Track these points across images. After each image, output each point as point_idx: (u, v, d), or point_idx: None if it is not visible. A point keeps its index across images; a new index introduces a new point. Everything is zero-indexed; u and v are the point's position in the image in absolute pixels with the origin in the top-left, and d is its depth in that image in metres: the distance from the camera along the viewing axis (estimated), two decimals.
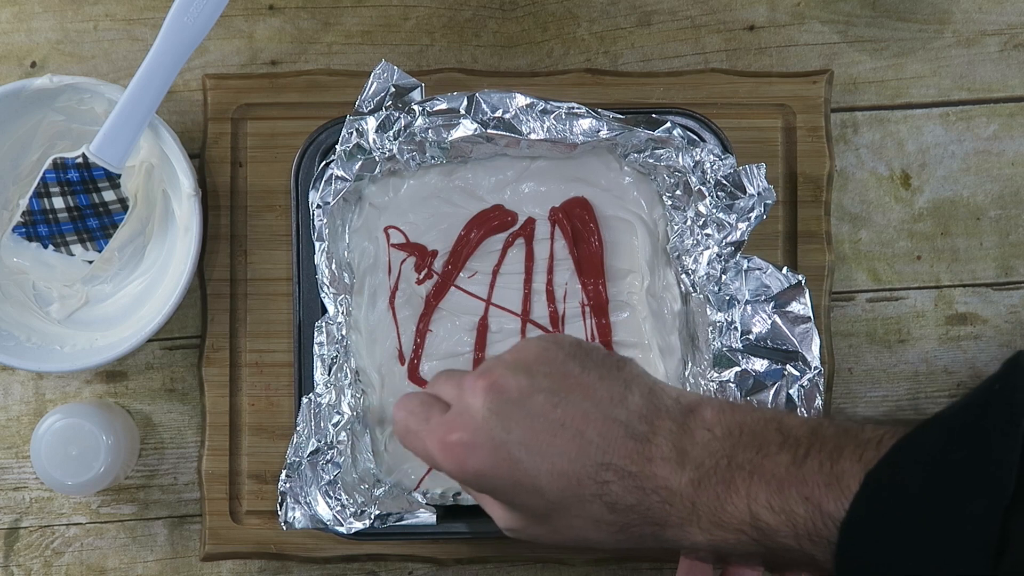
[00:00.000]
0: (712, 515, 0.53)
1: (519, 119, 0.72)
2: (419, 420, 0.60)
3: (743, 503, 0.52)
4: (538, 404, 0.56)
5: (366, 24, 0.82)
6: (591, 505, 0.56)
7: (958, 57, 0.82)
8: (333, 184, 0.72)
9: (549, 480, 0.56)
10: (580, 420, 0.56)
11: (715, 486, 0.53)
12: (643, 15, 0.82)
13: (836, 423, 0.53)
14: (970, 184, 0.81)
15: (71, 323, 0.79)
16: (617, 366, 0.58)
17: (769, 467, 0.52)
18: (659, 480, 0.54)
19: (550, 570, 0.81)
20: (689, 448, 0.54)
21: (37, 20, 0.82)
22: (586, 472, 0.55)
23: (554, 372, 0.57)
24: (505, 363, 0.58)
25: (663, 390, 0.58)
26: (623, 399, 0.56)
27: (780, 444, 0.53)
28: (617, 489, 0.55)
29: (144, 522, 0.81)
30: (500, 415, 0.56)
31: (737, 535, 0.53)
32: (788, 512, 0.51)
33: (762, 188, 0.72)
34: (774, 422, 0.54)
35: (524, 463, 0.56)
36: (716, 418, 0.55)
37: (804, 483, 0.51)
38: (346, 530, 0.70)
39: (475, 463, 0.57)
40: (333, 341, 0.72)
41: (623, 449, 0.55)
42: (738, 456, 0.53)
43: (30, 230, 0.77)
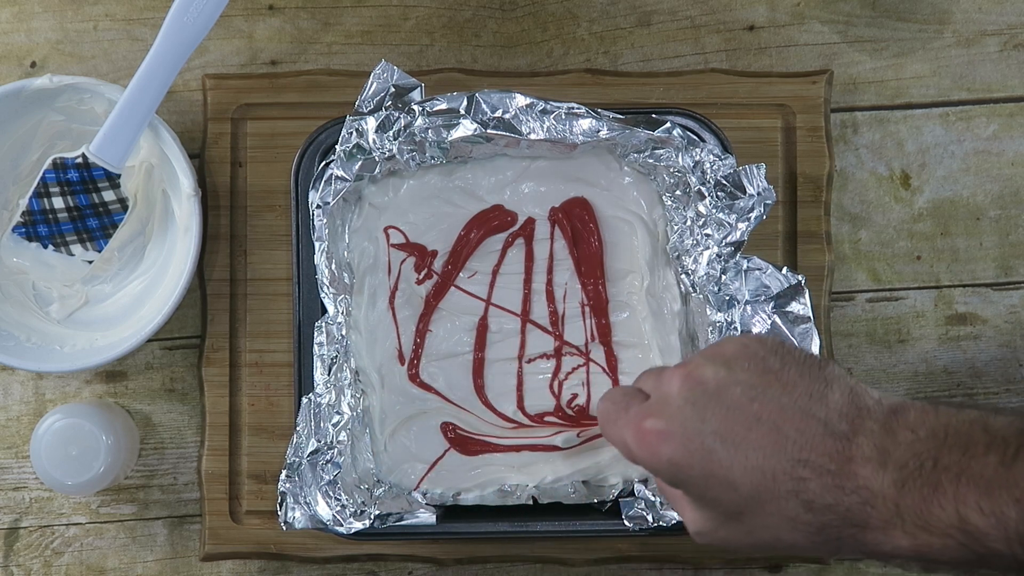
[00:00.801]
0: (917, 518, 0.52)
1: (519, 119, 0.72)
2: (619, 409, 0.60)
3: (951, 506, 0.51)
4: (735, 396, 0.55)
5: (366, 24, 0.82)
6: (786, 503, 0.54)
7: (958, 57, 0.82)
8: (333, 184, 0.72)
9: (743, 474, 0.54)
10: (777, 415, 0.55)
11: (920, 488, 0.52)
12: (643, 15, 0.82)
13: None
14: (970, 184, 0.81)
15: (71, 323, 0.79)
16: (819, 365, 0.57)
17: (977, 468, 0.51)
18: (860, 480, 0.53)
19: (550, 570, 0.81)
20: (892, 449, 0.53)
21: (37, 20, 0.82)
22: (782, 468, 0.54)
23: (753, 367, 0.56)
24: (705, 356, 0.58)
25: (865, 391, 0.56)
26: (823, 396, 0.55)
27: (987, 445, 0.51)
28: (815, 487, 0.54)
29: (144, 522, 0.81)
30: (696, 405, 0.56)
31: (944, 539, 0.51)
32: (999, 515, 0.50)
33: (762, 188, 0.72)
34: (980, 422, 0.52)
35: (718, 454, 0.55)
36: (920, 419, 0.54)
37: (1015, 485, 0.49)
38: (346, 530, 0.70)
39: (668, 451, 0.56)
40: (333, 341, 0.72)
41: (822, 446, 0.54)
42: (944, 458, 0.52)
43: (30, 230, 0.77)
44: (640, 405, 0.58)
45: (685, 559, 0.79)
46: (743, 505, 0.55)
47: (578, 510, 0.75)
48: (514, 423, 0.77)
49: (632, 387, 0.62)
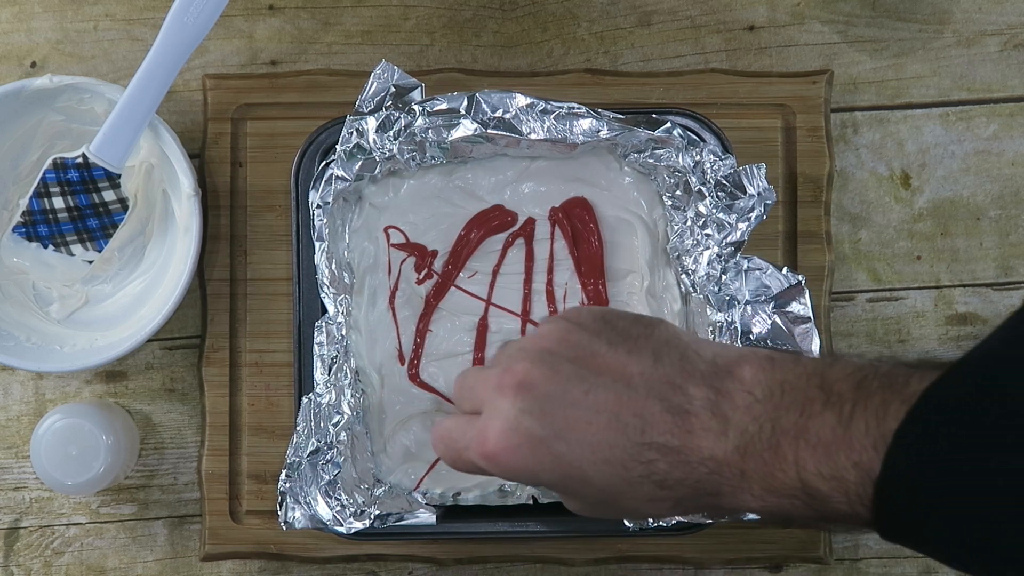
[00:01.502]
0: (763, 482, 0.51)
1: (519, 119, 0.72)
2: (457, 437, 0.58)
3: (792, 470, 0.50)
4: (569, 393, 0.54)
5: (366, 24, 0.82)
6: (641, 487, 0.54)
7: (958, 57, 0.82)
8: (333, 184, 0.72)
9: (595, 469, 0.54)
10: (614, 403, 0.54)
11: (762, 453, 0.51)
12: (643, 15, 0.82)
13: (882, 373, 0.50)
14: (970, 184, 0.81)
15: (71, 323, 0.79)
16: (645, 334, 0.56)
17: (814, 429, 0.50)
18: (704, 451, 0.52)
19: (550, 570, 0.81)
20: (731, 414, 0.52)
21: (37, 20, 0.82)
22: (629, 455, 0.53)
23: (580, 355, 0.55)
24: (527, 354, 0.56)
25: (697, 353, 0.55)
26: (654, 372, 0.54)
27: (824, 403, 0.50)
28: (663, 467, 0.53)
29: (144, 522, 0.81)
30: (532, 412, 0.54)
31: (791, 501, 0.51)
32: (839, 479, 0.49)
33: (762, 188, 0.72)
34: (816, 376, 0.52)
35: (567, 456, 0.54)
36: (756, 377, 0.53)
37: (852, 447, 0.49)
38: (346, 530, 0.70)
39: (519, 464, 0.55)
40: (333, 341, 0.72)
41: (661, 425, 0.53)
42: (782, 419, 0.51)
43: (30, 230, 0.77)
44: (476, 428, 0.56)
45: (685, 559, 0.79)
46: (603, 496, 0.55)
47: None
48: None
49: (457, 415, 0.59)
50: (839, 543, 0.80)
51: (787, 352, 0.54)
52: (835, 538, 0.80)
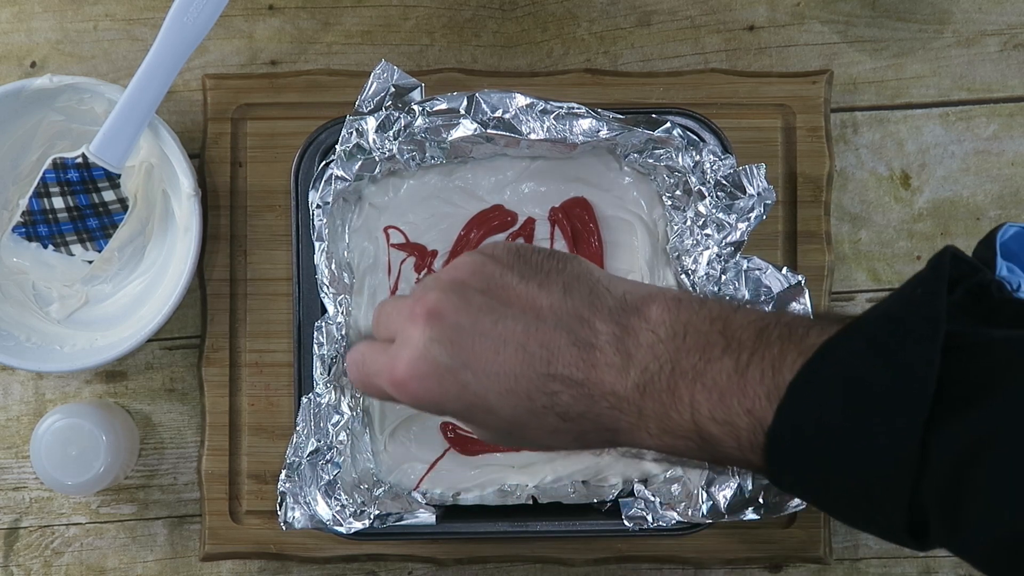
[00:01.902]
0: (659, 422, 0.52)
1: (519, 119, 0.72)
2: (368, 363, 0.59)
3: (687, 412, 0.51)
4: (477, 324, 0.55)
5: (366, 24, 0.82)
6: (545, 417, 0.54)
7: (958, 57, 0.82)
8: (333, 184, 0.72)
9: (499, 399, 0.55)
10: (522, 334, 0.54)
11: (660, 393, 0.52)
12: (643, 15, 0.82)
13: (784, 323, 0.51)
14: (970, 184, 0.81)
15: (71, 323, 0.79)
16: (557, 269, 0.56)
17: (711, 374, 0.50)
18: (605, 386, 0.53)
19: (550, 570, 0.81)
20: (634, 351, 0.53)
21: (37, 20, 0.82)
22: (534, 386, 0.54)
23: (491, 287, 0.56)
24: (441, 284, 0.57)
25: (607, 289, 0.55)
26: (564, 305, 0.55)
27: (724, 348, 0.51)
28: (567, 399, 0.54)
29: (144, 522, 0.81)
30: (440, 341, 0.55)
31: (685, 442, 0.52)
32: (731, 424, 0.50)
33: (762, 188, 0.72)
34: (719, 321, 0.52)
35: (472, 386, 0.55)
36: (661, 317, 0.53)
37: (745, 395, 0.49)
38: (346, 530, 0.70)
39: (425, 392, 0.56)
40: (333, 341, 0.72)
41: (567, 357, 0.54)
42: (682, 361, 0.51)
43: (30, 230, 0.77)
44: (386, 355, 0.57)
45: (685, 559, 0.79)
46: (508, 426, 0.56)
47: (578, 510, 0.75)
48: None
49: (371, 341, 0.60)
50: (839, 543, 0.80)
51: (694, 294, 0.54)
52: (835, 538, 0.80)
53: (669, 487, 0.74)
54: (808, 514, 0.78)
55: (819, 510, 0.51)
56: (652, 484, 0.75)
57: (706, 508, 0.70)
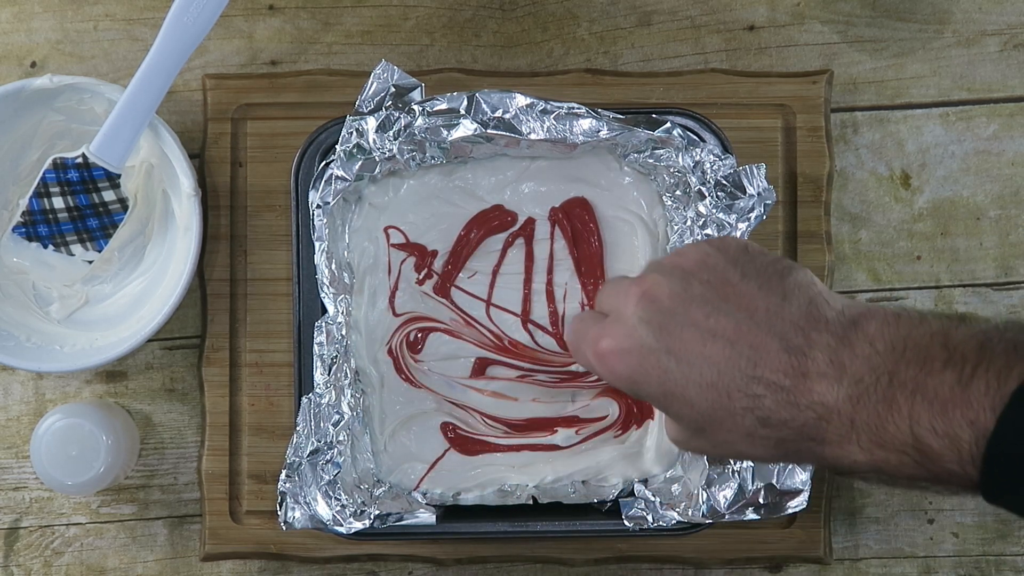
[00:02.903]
0: (872, 434, 0.51)
1: (519, 119, 0.72)
2: (581, 331, 0.60)
3: (905, 424, 0.50)
4: (690, 313, 0.55)
5: (366, 24, 0.82)
6: (743, 419, 0.54)
7: (958, 57, 0.82)
8: (333, 184, 0.72)
9: (698, 391, 0.54)
10: (732, 331, 0.54)
11: (875, 404, 0.50)
12: (643, 15, 0.82)
13: (1008, 337, 0.49)
14: (970, 184, 0.81)
15: (71, 323, 0.79)
16: (781, 274, 0.56)
17: (932, 386, 0.49)
18: (814, 395, 0.52)
19: (550, 570, 0.81)
20: (848, 363, 0.52)
21: (37, 20, 0.82)
22: (736, 385, 0.53)
23: (712, 279, 0.56)
24: (663, 268, 0.57)
25: (827, 302, 0.54)
26: (780, 310, 0.54)
27: (945, 361, 0.49)
28: (769, 404, 0.53)
29: (144, 522, 0.81)
30: (651, 323, 0.55)
31: (899, 456, 0.50)
32: (952, 436, 0.48)
33: (762, 188, 0.72)
34: (940, 335, 0.51)
35: (673, 373, 0.55)
36: (879, 331, 0.52)
37: (969, 406, 0.48)
38: (346, 530, 0.70)
39: (625, 370, 0.56)
40: (333, 341, 0.72)
41: (776, 362, 0.53)
42: (900, 373, 0.50)
43: (30, 230, 0.77)
44: (599, 327, 0.58)
45: (685, 559, 0.79)
46: (702, 421, 0.55)
47: (578, 510, 0.75)
48: (513, 424, 0.77)
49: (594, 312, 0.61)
50: (839, 543, 0.80)
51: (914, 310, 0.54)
52: (835, 538, 0.80)
53: (669, 487, 0.74)
54: (808, 514, 0.78)
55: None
56: (652, 484, 0.75)
57: (706, 508, 0.70)
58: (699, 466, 0.72)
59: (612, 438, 0.77)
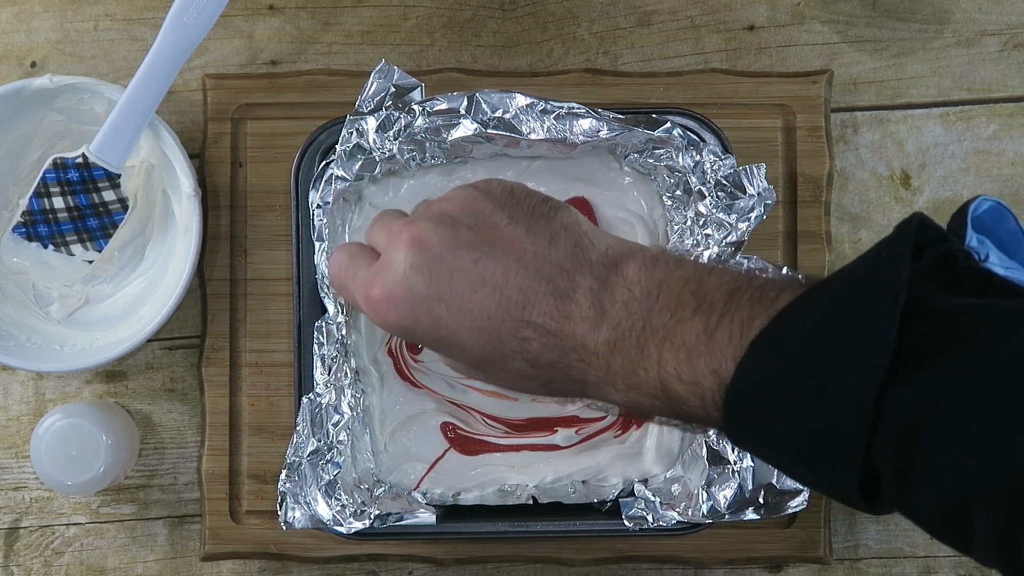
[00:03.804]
0: (626, 378, 0.52)
1: (519, 119, 0.72)
2: (349, 272, 0.60)
3: (654, 370, 0.51)
4: (459, 259, 0.56)
5: (366, 24, 0.82)
6: (513, 361, 0.55)
7: (958, 57, 0.82)
8: (333, 184, 0.72)
9: (470, 336, 0.55)
10: (501, 276, 0.55)
11: (629, 350, 0.52)
12: (643, 15, 0.82)
13: (756, 286, 0.51)
14: (970, 184, 0.81)
15: (71, 323, 0.79)
16: (547, 216, 0.57)
17: (681, 334, 0.51)
18: (577, 339, 0.53)
19: (550, 570, 0.81)
20: (608, 307, 0.53)
21: (37, 20, 0.82)
22: (506, 328, 0.55)
23: (479, 224, 0.56)
24: (431, 214, 0.58)
25: (592, 243, 0.56)
26: (547, 253, 0.55)
27: (695, 308, 0.51)
28: (537, 347, 0.54)
29: (144, 522, 0.81)
30: (420, 270, 0.56)
31: (650, 399, 0.52)
32: (696, 384, 0.50)
33: (762, 188, 0.72)
34: (693, 281, 0.52)
35: (445, 319, 0.55)
36: (637, 275, 0.53)
37: (712, 355, 0.49)
38: (346, 530, 0.70)
39: (396, 318, 0.57)
40: (333, 341, 0.72)
41: (543, 306, 0.54)
42: (653, 319, 0.52)
43: (30, 230, 0.77)
44: (367, 270, 0.58)
45: (685, 559, 0.79)
46: (476, 362, 0.57)
47: (578, 510, 0.75)
48: (513, 424, 0.77)
49: (359, 245, 0.62)
50: (839, 543, 0.80)
51: (672, 254, 0.55)
52: (835, 538, 0.80)
53: (669, 487, 0.74)
54: (808, 514, 0.78)
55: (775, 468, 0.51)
56: (652, 484, 0.75)
57: (706, 508, 0.71)
58: (699, 466, 0.72)
59: (612, 438, 0.77)
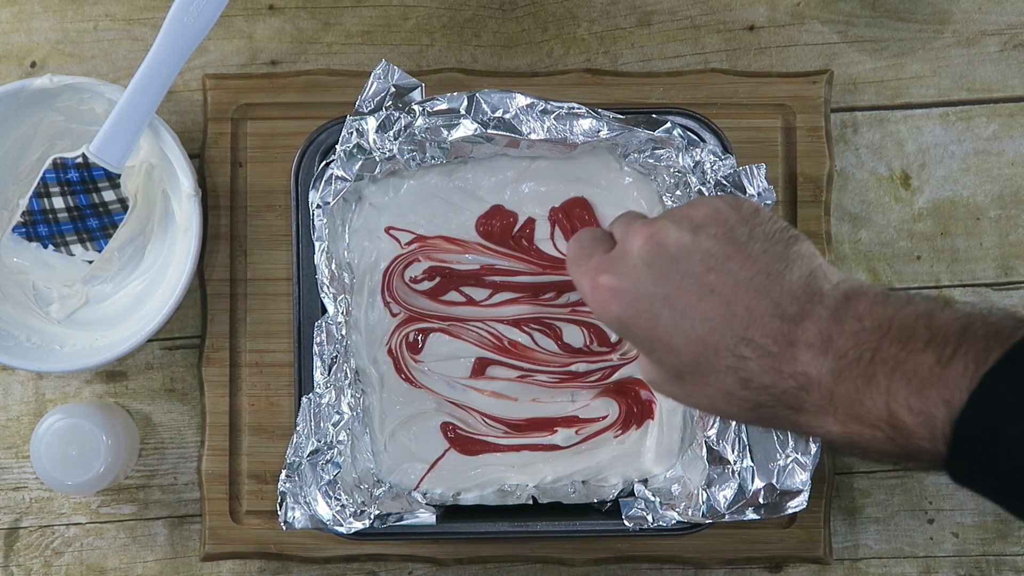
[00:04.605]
0: (849, 408, 0.52)
1: (519, 119, 0.72)
2: (584, 254, 0.60)
3: (882, 400, 0.50)
4: (693, 265, 0.56)
5: (366, 24, 0.82)
6: (725, 377, 0.55)
7: (958, 57, 0.82)
8: (333, 184, 0.72)
9: (686, 343, 0.55)
10: (731, 289, 0.55)
11: (855, 379, 0.51)
12: (643, 15, 0.82)
13: (990, 321, 0.50)
14: (970, 184, 0.81)
15: (71, 323, 0.79)
16: (786, 242, 0.57)
17: (912, 365, 0.50)
18: (799, 365, 0.53)
19: (550, 570, 0.81)
20: (836, 337, 0.53)
21: (37, 20, 0.82)
22: (724, 343, 0.54)
23: (719, 235, 0.56)
24: (675, 216, 0.58)
25: (825, 275, 0.56)
26: (781, 276, 0.55)
27: (927, 341, 0.50)
28: (754, 367, 0.54)
29: (144, 522, 0.81)
30: (652, 268, 0.56)
31: (873, 431, 0.51)
32: (927, 414, 0.49)
33: (762, 188, 0.72)
34: (925, 317, 0.51)
35: (664, 320, 0.55)
36: (869, 309, 0.53)
37: (945, 386, 0.49)
38: (346, 530, 0.70)
39: (617, 309, 0.57)
40: (333, 341, 0.72)
41: (768, 327, 0.54)
42: (883, 350, 0.51)
43: (30, 230, 0.77)
44: (601, 256, 0.59)
45: (685, 559, 0.79)
46: (684, 370, 0.56)
47: (578, 510, 0.75)
48: (513, 424, 0.77)
49: (602, 231, 0.62)
50: (839, 543, 0.80)
51: (903, 292, 0.55)
52: (835, 538, 0.80)
53: (669, 487, 0.74)
54: (808, 514, 0.78)
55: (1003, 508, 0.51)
56: (652, 484, 0.75)
57: (706, 508, 0.70)
58: (699, 466, 0.72)
59: (612, 438, 0.77)
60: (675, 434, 0.76)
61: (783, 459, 0.70)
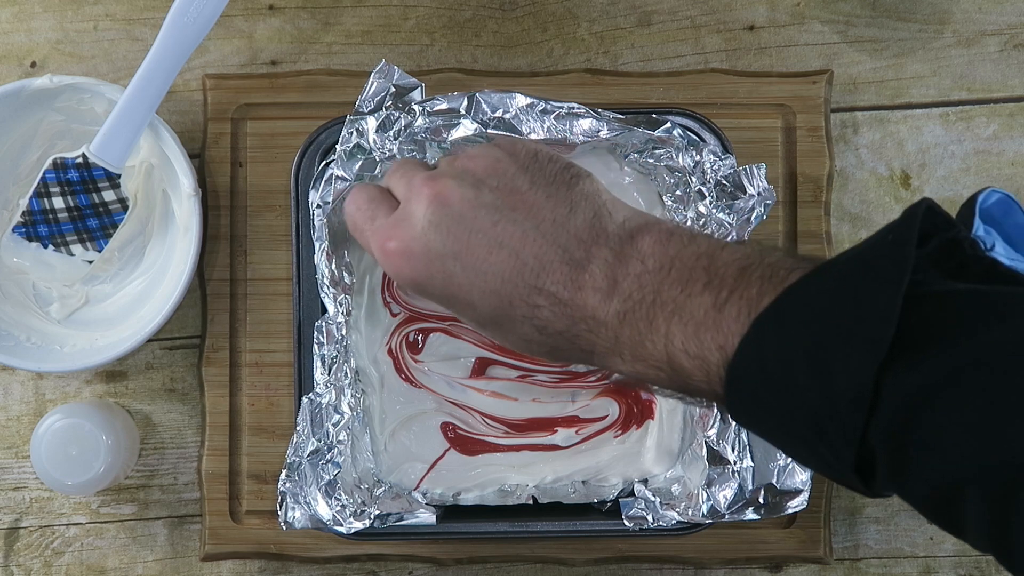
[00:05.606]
0: (633, 349, 0.53)
1: (519, 119, 0.72)
2: (366, 218, 0.61)
3: (661, 343, 0.52)
4: (479, 220, 0.56)
5: (366, 24, 0.82)
6: (522, 326, 0.56)
7: (958, 57, 0.82)
8: (333, 184, 0.72)
9: (481, 297, 0.56)
10: (519, 240, 0.55)
11: (638, 322, 0.52)
12: (643, 15, 0.82)
13: (767, 263, 0.51)
14: (970, 184, 0.81)
15: (71, 323, 0.79)
16: (568, 183, 0.57)
17: (690, 308, 0.51)
18: (588, 310, 0.54)
19: (550, 570, 0.81)
20: (621, 279, 0.54)
21: (37, 20, 0.82)
22: (518, 294, 0.55)
23: (501, 186, 0.57)
24: (455, 171, 0.58)
25: (610, 213, 0.56)
26: (566, 221, 0.56)
27: (705, 283, 0.51)
28: (547, 315, 0.55)
29: (144, 522, 0.81)
30: (439, 227, 0.56)
31: (656, 371, 0.53)
32: (702, 358, 0.50)
33: (762, 188, 0.72)
34: (705, 257, 0.52)
35: (458, 278, 0.56)
36: (652, 249, 0.54)
37: (719, 330, 0.50)
38: (346, 530, 0.70)
39: (410, 272, 0.57)
40: (333, 341, 0.72)
41: (557, 274, 0.55)
42: (663, 293, 0.52)
43: (30, 230, 0.77)
44: (385, 219, 0.59)
45: (685, 559, 0.79)
46: (484, 322, 0.57)
47: (578, 510, 0.75)
48: (513, 424, 0.77)
49: (379, 189, 0.62)
50: (839, 543, 0.80)
51: (687, 228, 0.56)
52: (835, 538, 0.80)
53: (669, 487, 0.74)
54: (808, 514, 0.78)
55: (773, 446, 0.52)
56: (652, 484, 0.75)
57: (706, 508, 0.71)
58: (699, 466, 0.72)
59: (612, 438, 0.77)
60: (675, 434, 0.76)
61: (783, 459, 0.70)
